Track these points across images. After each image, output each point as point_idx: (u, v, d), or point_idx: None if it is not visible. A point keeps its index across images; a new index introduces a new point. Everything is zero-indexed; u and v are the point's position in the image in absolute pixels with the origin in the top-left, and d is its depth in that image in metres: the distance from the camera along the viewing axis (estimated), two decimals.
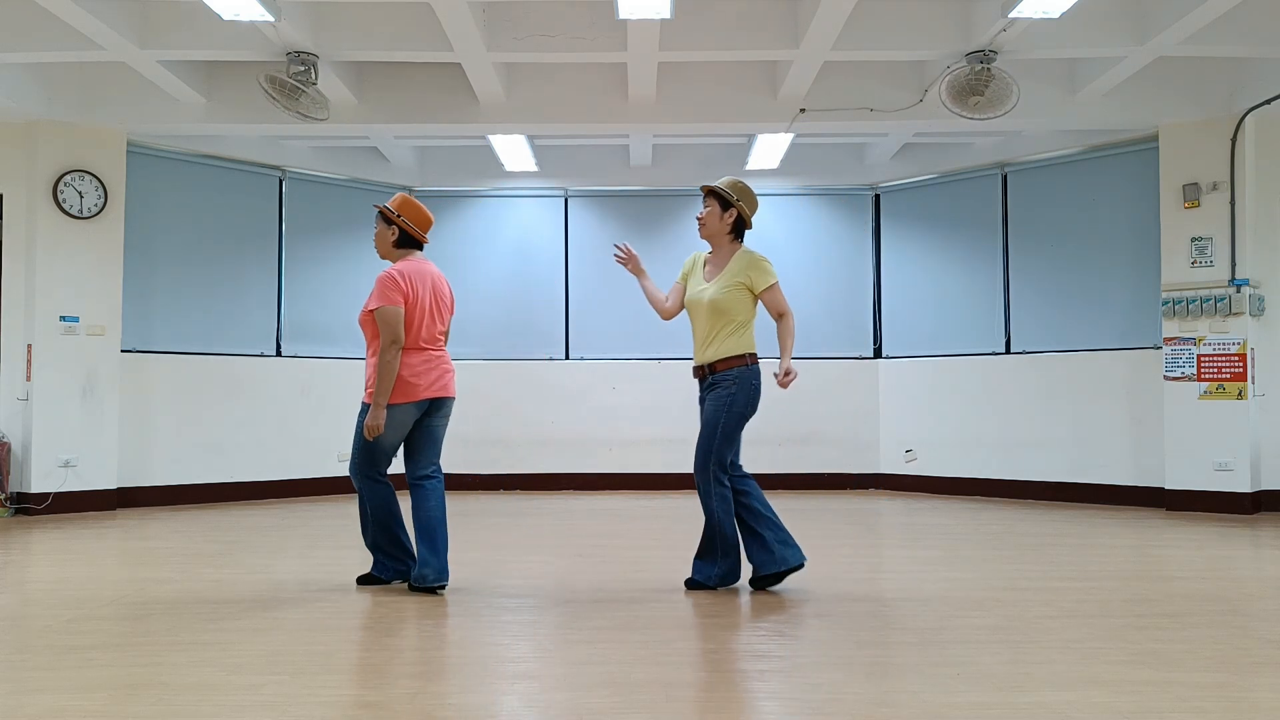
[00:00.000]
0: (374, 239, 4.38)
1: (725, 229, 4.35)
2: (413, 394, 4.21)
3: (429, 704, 2.72)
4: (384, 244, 4.37)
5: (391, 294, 4.15)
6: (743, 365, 4.20)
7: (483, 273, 9.19)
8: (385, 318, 4.12)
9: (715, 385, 4.22)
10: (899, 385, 8.88)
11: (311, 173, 8.59)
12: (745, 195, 4.35)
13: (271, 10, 5.56)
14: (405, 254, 4.37)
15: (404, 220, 4.33)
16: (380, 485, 4.36)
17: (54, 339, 7.04)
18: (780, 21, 6.30)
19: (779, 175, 9.02)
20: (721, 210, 4.35)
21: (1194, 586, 4.35)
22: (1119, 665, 3.08)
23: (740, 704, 2.75)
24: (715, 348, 4.23)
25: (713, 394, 4.22)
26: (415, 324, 4.22)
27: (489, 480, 8.97)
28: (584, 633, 3.54)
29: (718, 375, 4.22)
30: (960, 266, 8.57)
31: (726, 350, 4.22)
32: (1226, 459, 6.91)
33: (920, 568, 4.87)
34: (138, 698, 2.77)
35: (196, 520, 6.74)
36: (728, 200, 4.32)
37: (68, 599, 4.10)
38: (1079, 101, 7.10)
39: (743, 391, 4.19)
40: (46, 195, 7.05)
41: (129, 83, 7.02)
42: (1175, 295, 7.14)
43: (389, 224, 4.34)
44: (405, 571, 4.42)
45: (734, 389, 4.19)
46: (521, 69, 7.22)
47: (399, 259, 4.35)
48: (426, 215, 4.43)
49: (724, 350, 4.22)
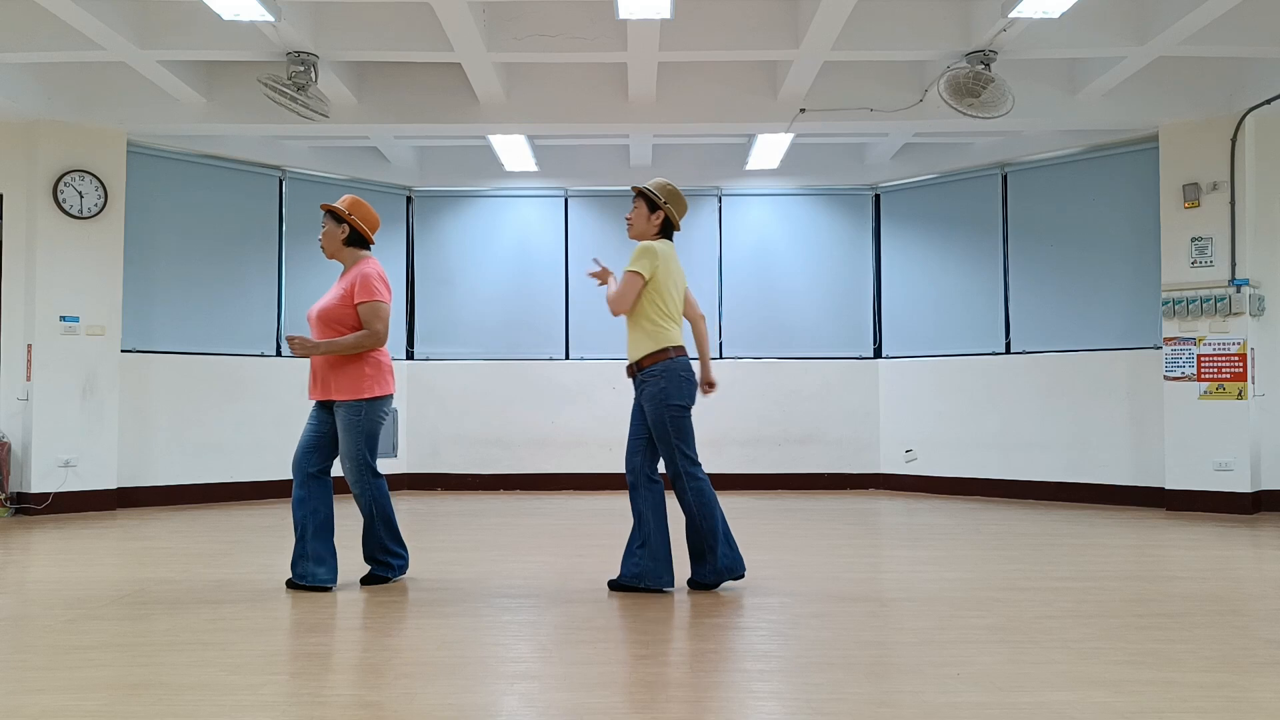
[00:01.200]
0: (320, 238, 4.40)
1: (653, 230, 4.33)
2: (389, 385, 4.33)
3: (429, 704, 2.72)
4: (333, 243, 4.38)
5: (381, 289, 4.26)
6: (666, 360, 4.18)
7: (483, 273, 9.19)
8: (377, 312, 4.20)
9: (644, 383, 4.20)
10: (899, 385, 8.88)
11: (311, 173, 8.59)
12: (673, 198, 4.32)
13: (271, 10, 5.56)
14: (355, 253, 4.39)
15: (354, 219, 4.35)
16: (382, 480, 4.42)
17: (54, 339, 7.05)
18: (780, 21, 6.30)
19: (779, 175, 9.02)
20: (649, 212, 4.31)
21: (1194, 586, 4.35)
22: (1119, 665, 3.08)
23: (740, 704, 2.75)
24: (629, 348, 4.25)
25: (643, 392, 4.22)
26: None
27: (489, 480, 8.97)
28: (584, 633, 3.54)
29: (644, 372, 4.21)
30: (960, 266, 8.58)
31: (644, 348, 4.19)
32: (1226, 459, 6.91)
33: (920, 568, 4.87)
34: (138, 698, 2.77)
35: (196, 520, 6.74)
36: (655, 202, 4.29)
37: (68, 599, 4.10)
38: (1079, 101, 7.10)
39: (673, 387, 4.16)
40: (46, 195, 7.05)
41: (129, 83, 7.02)
42: (1175, 295, 7.14)
43: (339, 223, 4.36)
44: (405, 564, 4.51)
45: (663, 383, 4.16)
46: (521, 69, 7.22)
47: (349, 258, 4.38)
48: (375, 216, 4.49)
49: (641, 349, 4.20)
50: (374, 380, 4.25)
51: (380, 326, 4.21)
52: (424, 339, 9.20)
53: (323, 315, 4.25)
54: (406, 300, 9.19)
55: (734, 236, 9.20)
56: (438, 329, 9.21)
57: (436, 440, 9.03)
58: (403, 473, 9.02)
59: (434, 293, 9.22)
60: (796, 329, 9.11)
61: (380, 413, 4.29)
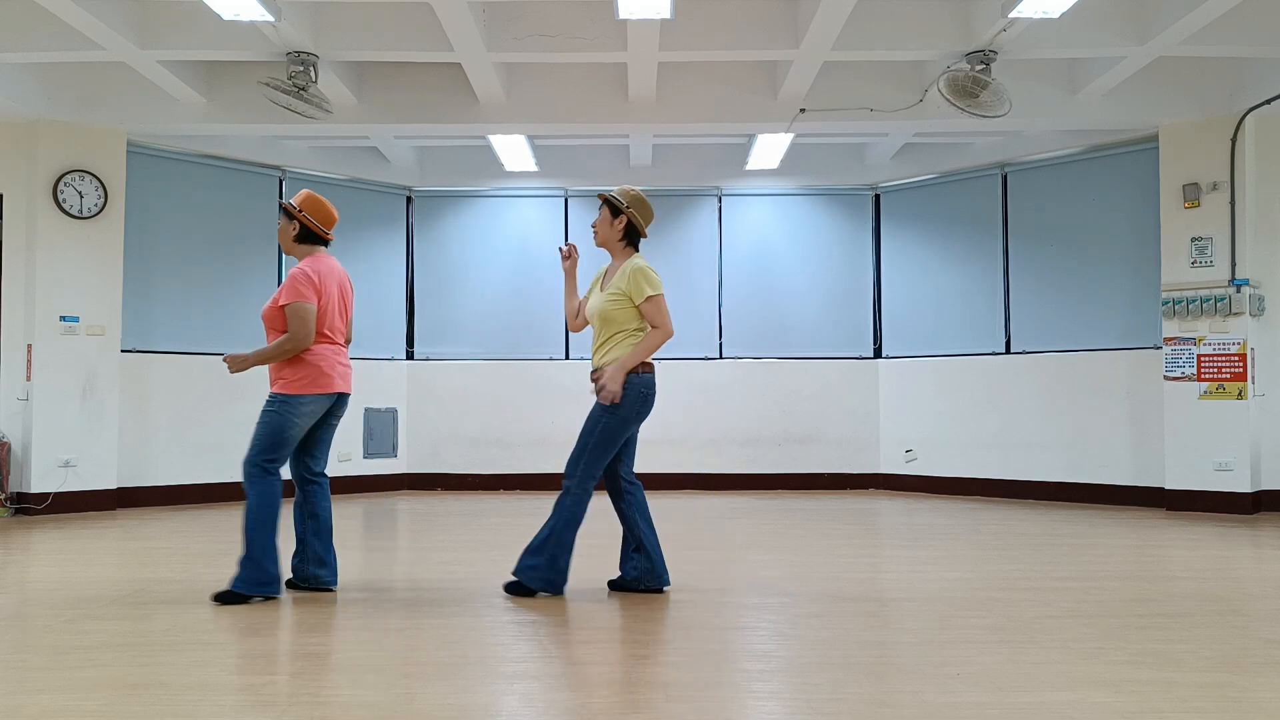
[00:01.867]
0: (278, 234, 4.38)
1: (616, 235, 4.30)
2: (328, 385, 4.18)
3: (429, 704, 2.72)
4: (285, 239, 4.35)
5: (304, 290, 4.12)
6: (633, 373, 4.14)
7: (483, 273, 9.19)
8: (299, 314, 4.10)
9: None
10: (899, 385, 8.88)
11: (311, 173, 8.59)
12: (637, 203, 4.30)
13: (271, 10, 5.56)
14: (309, 250, 4.34)
15: (305, 215, 4.30)
16: (272, 479, 4.10)
17: (54, 339, 7.04)
18: (780, 21, 6.30)
19: (779, 175, 9.02)
20: (612, 217, 4.29)
21: (1194, 586, 4.35)
22: (1119, 665, 3.07)
23: (740, 704, 2.75)
24: (606, 356, 4.20)
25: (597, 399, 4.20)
26: (324, 319, 4.20)
27: (489, 480, 8.96)
28: (584, 633, 3.54)
29: None
30: (960, 266, 8.57)
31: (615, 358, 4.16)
32: (1226, 459, 6.90)
33: (920, 568, 4.87)
34: (138, 698, 2.77)
35: (196, 520, 6.74)
36: (618, 207, 4.27)
37: (68, 599, 4.10)
38: (1079, 101, 7.10)
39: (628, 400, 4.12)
40: (46, 195, 7.05)
41: (129, 83, 7.02)
42: (1175, 295, 7.14)
43: (290, 219, 4.32)
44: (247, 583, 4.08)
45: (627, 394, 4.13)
46: (521, 69, 7.22)
47: (303, 255, 4.33)
48: (330, 212, 4.39)
49: (613, 359, 4.17)
50: (304, 379, 4.11)
51: (299, 328, 4.07)
52: (424, 339, 9.20)
53: (263, 316, 4.23)
54: (406, 300, 9.19)
55: (734, 236, 9.20)
56: (438, 329, 9.20)
57: (436, 440, 9.03)
58: (403, 473, 9.02)
59: (434, 293, 9.21)
60: (796, 329, 9.11)
61: (299, 411, 4.10)
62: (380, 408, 8.90)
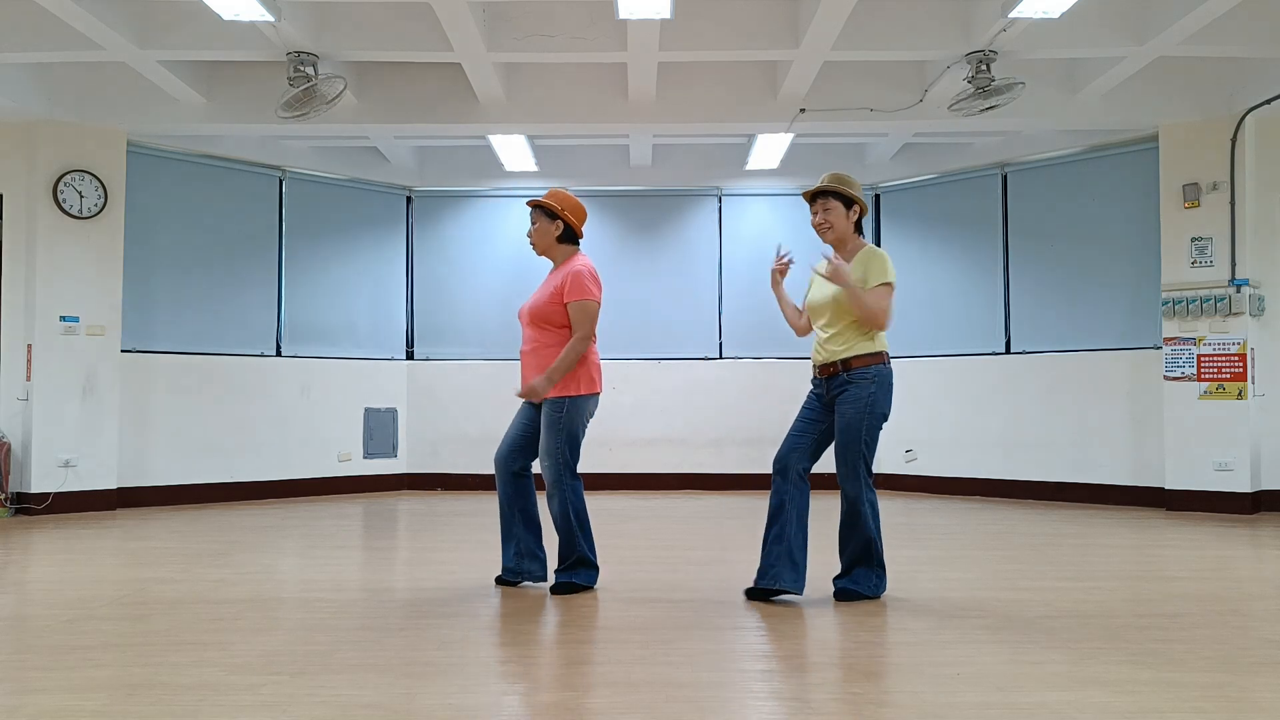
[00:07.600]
0: (531, 234, 4.34)
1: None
2: (600, 384, 4.29)
3: (429, 704, 2.72)
4: (546, 239, 4.32)
5: (593, 287, 4.19)
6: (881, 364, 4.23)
7: (483, 273, 9.19)
8: (587, 310, 4.16)
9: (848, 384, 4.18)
10: (899, 385, 8.76)
11: (311, 173, 8.59)
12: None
13: (271, 10, 5.56)
14: (569, 250, 4.34)
15: (568, 215, 4.29)
16: (579, 480, 4.27)
17: (54, 339, 7.04)
18: (780, 21, 6.30)
19: (779, 175, 9.01)
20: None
21: (1194, 586, 4.35)
22: (1119, 665, 3.07)
23: (740, 704, 2.75)
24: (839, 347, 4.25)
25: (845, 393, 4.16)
26: None
27: (489, 480, 8.94)
28: (584, 633, 3.54)
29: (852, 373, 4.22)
30: (960, 266, 8.57)
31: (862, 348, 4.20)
32: (1226, 459, 6.90)
33: (920, 568, 4.88)
34: (138, 698, 2.77)
35: (196, 520, 6.74)
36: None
37: (68, 599, 4.10)
38: (1079, 101, 7.10)
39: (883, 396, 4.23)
40: (46, 195, 7.05)
41: (129, 83, 7.01)
42: (1175, 295, 7.14)
43: (553, 219, 4.29)
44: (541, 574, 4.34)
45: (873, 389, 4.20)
46: (521, 69, 7.22)
47: (561, 255, 4.33)
48: (584, 210, 4.41)
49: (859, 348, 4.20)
50: (581, 378, 4.20)
51: (588, 325, 4.15)
52: (424, 339, 9.20)
53: (534, 313, 4.24)
54: (406, 300, 9.19)
55: (734, 236, 9.19)
56: (438, 329, 9.20)
57: (436, 440, 9.03)
58: (402, 473, 9.02)
59: (434, 293, 9.21)
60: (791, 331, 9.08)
61: (585, 411, 4.21)
62: (380, 408, 8.90)
